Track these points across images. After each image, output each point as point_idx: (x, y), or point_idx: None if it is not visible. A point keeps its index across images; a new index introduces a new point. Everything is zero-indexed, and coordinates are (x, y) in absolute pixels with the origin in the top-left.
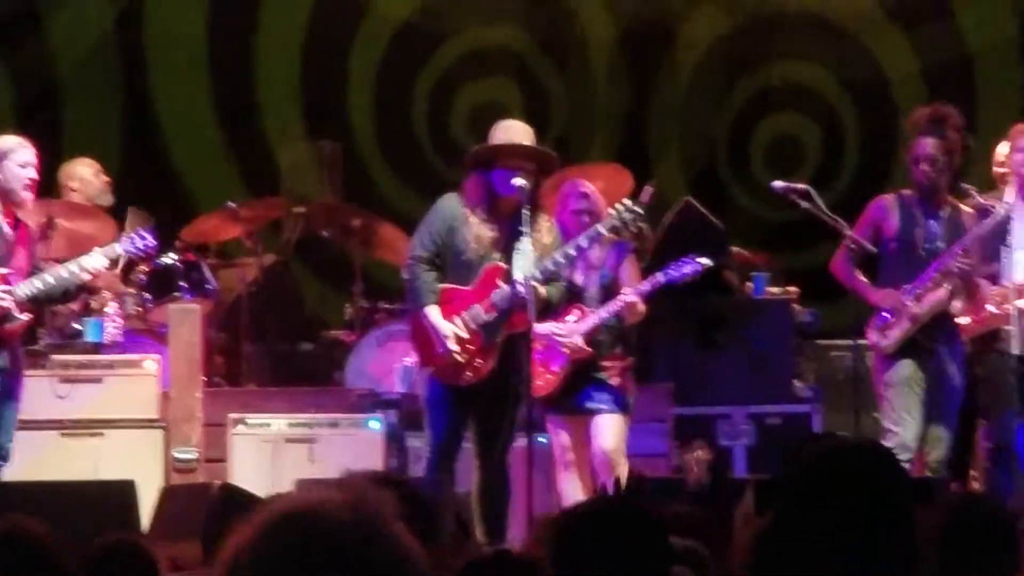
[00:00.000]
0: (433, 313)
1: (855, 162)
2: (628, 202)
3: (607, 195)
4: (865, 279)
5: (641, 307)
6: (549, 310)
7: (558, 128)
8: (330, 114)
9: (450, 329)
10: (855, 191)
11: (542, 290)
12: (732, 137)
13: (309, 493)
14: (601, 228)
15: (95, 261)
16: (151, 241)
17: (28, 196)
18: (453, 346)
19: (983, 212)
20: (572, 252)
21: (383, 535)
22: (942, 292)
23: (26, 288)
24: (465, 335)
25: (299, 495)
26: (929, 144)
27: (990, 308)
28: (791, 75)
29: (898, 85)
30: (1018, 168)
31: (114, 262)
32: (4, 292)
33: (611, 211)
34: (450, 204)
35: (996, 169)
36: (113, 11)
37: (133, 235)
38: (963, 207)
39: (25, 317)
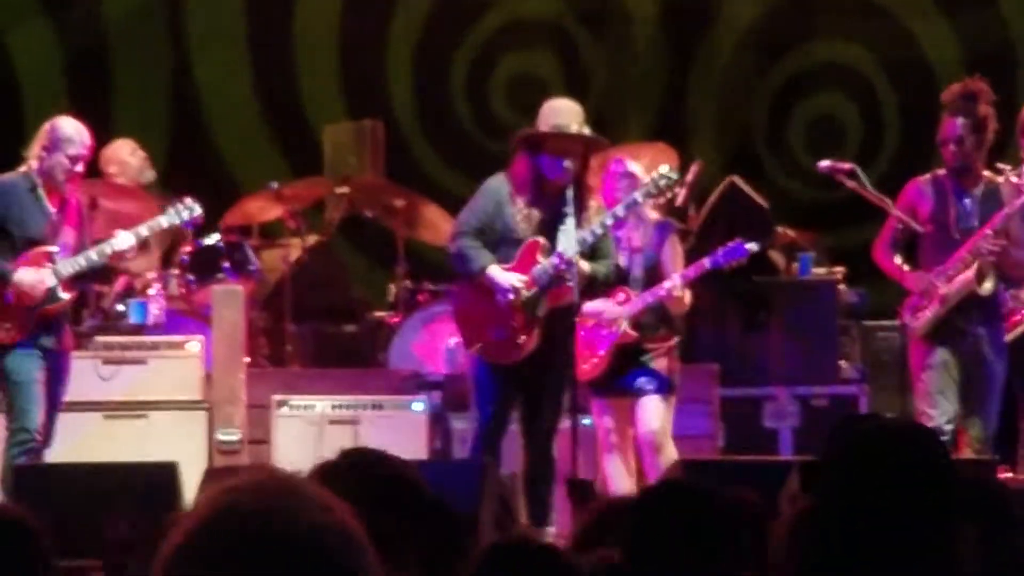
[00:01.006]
0: (494, 270)
1: (895, 144)
2: (664, 168)
3: None
4: (904, 263)
5: (686, 301)
6: (596, 288)
7: (596, 101)
8: (371, 91)
9: (513, 279)
10: (895, 173)
11: (585, 265)
12: (771, 117)
13: (220, 489)
14: (637, 195)
15: (122, 241)
16: (198, 210)
17: (65, 184)
18: (519, 284)
19: (1017, 191)
20: (609, 221)
21: (298, 514)
22: (969, 274)
23: (69, 267)
24: (523, 286)
25: (211, 493)
26: (957, 125)
27: None
28: (832, 56)
29: (939, 69)
30: None
31: (143, 243)
32: (48, 272)
33: (646, 178)
34: (497, 185)
35: None
36: None
37: (179, 206)
38: (1001, 182)
39: (68, 296)
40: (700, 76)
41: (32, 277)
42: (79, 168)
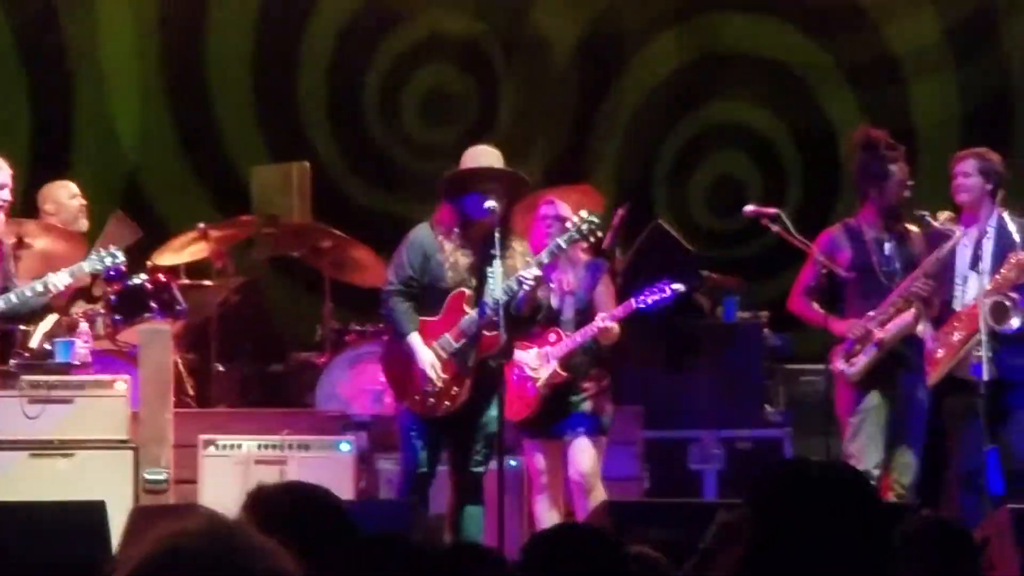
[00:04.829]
0: (415, 341)
1: (794, 207)
2: (584, 213)
3: None
4: (823, 310)
5: (616, 330)
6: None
7: (505, 125)
8: (288, 130)
9: (429, 358)
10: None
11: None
12: (672, 170)
13: (164, 529)
14: (560, 241)
15: (59, 279)
16: (120, 257)
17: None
18: (432, 374)
19: (941, 236)
20: (538, 272)
21: (243, 552)
22: (908, 316)
23: (1, 303)
24: (438, 366)
25: (156, 534)
26: (904, 168)
27: (956, 336)
28: (737, 115)
29: (844, 139)
30: (956, 194)
31: (81, 282)
32: None
33: (568, 224)
34: (423, 234)
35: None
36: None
37: (101, 252)
38: (910, 227)
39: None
40: (607, 118)
41: None
42: (7, 196)
